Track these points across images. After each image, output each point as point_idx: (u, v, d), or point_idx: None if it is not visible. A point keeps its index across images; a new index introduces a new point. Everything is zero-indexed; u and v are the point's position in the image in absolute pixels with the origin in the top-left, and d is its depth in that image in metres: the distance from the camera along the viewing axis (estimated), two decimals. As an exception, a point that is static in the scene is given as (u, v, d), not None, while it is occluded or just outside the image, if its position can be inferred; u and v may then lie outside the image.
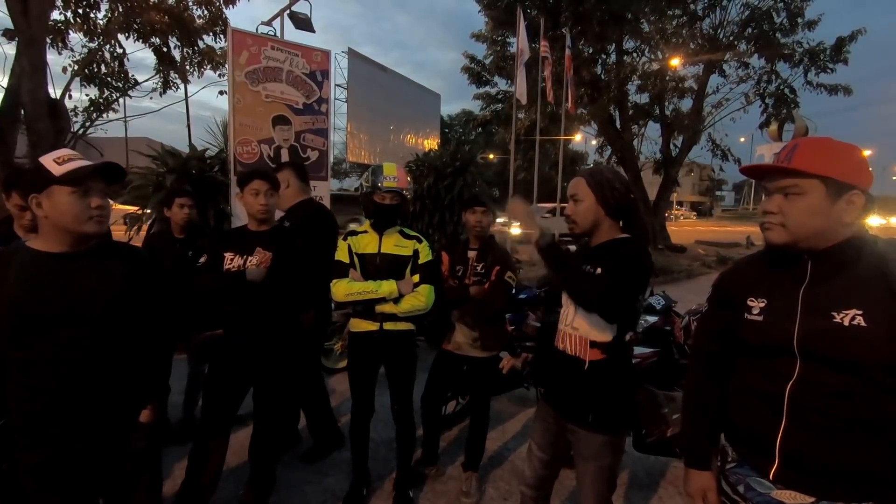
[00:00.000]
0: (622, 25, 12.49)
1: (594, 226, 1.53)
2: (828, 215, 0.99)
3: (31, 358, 1.22)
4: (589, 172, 1.55)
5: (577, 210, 1.53)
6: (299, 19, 5.72)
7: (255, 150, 4.56)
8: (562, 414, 1.58)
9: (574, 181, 1.56)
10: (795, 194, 1.01)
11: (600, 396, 1.50)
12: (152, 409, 1.47)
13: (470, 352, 2.44)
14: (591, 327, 1.49)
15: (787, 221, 1.02)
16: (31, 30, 6.07)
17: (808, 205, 1.00)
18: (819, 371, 0.99)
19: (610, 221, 1.52)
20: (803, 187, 1.00)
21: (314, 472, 2.63)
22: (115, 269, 1.35)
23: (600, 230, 1.53)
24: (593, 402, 1.51)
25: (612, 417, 1.51)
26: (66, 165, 1.24)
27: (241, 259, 2.05)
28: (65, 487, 1.29)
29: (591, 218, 1.52)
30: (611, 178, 1.52)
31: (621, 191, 1.50)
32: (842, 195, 0.98)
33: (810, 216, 1.00)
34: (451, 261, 2.50)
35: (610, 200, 1.49)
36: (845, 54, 12.62)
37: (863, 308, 0.95)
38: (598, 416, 1.50)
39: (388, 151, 10.04)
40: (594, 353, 1.49)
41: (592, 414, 1.50)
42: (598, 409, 1.50)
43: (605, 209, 1.50)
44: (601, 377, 1.49)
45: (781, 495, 1.04)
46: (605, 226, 1.52)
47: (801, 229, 1.01)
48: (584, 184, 1.52)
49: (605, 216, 1.51)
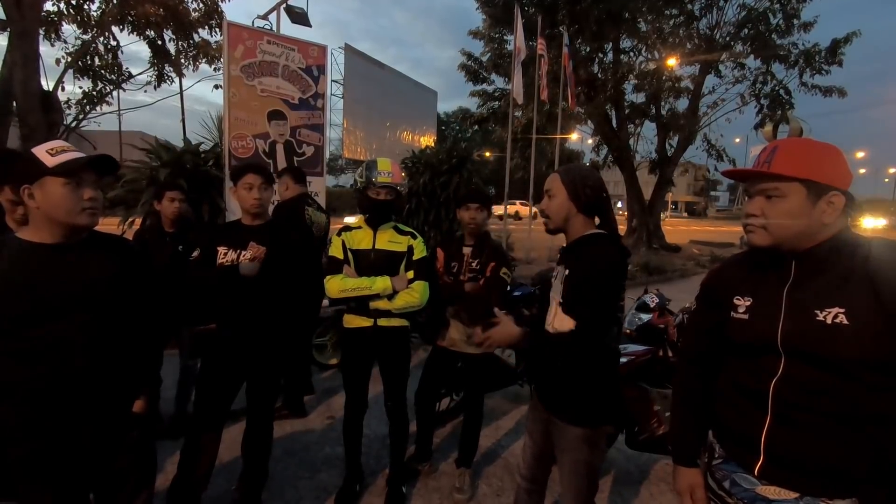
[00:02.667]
0: (619, 24, 12.50)
1: (566, 221, 1.55)
2: (809, 217, 1.01)
3: (22, 349, 1.22)
4: (564, 170, 1.58)
5: (549, 205, 1.56)
6: (295, 13, 5.70)
7: (250, 145, 4.54)
8: (546, 406, 1.61)
9: (549, 177, 1.60)
10: (777, 197, 1.03)
11: (572, 387, 1.53)
12: (145, 401, 1.47)
13: (464, 348, 2.45)
14: (557, 319, 1.52)
15: (769, 224, 1.04)
16: (24, 20, 6.00)
17: (789, 207, 1.01)
18: (802, 368, 1.01)
19: (583, 218, 1.54)
20: (784, 190, 1.02)
21: (307, 467, 2.63)
22: (104, 261, 1.34)
23: (573, 226, 1.55)
24: (565, 393, 1.54)
25: (589, 411, 1.53)
26: (59, 157, 1.24)
27: (235, 253, 2.04)
28: (55, 480, 1.29)
29: (563, 213, 1.54)
30: (584, 175, 1.55)
31: (594, 188, 1.53)
32: (822, 196, 1.00)
33: (791, 218, 1.02)
34: (446, 257, 2.50)
35: (582, 197, 1.52)
36: (840, 56, 12.68)
37: (845, 306, 0.96)
38: (571, 408, 1.53)
39: (385, 148, 10.03)
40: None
41: (565, 405, 1.54)
42: (570, 399, 1.53)
43: (576, 205, 1.52)
44: (571, 368, 1.52)
45: (766, 491, 1.06)
46: (578, 222, 1.55)
47: (782, 231, 1.03)
48: (558, 180, 1.55)
49: (578, 212, 1.53)
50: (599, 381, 1.54)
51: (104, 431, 1.35)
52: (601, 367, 1.54)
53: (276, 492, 2.39)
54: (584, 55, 13.65)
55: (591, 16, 11.92)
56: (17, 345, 1.21)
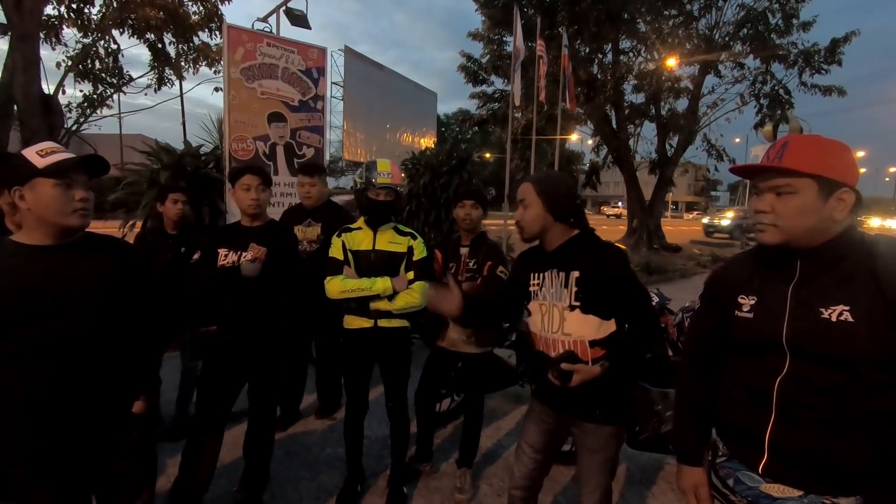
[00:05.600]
0: (618, 25, 12.53)
1: (542, 231, 1.56)
2: (820, 213, 1.00)
3: (19, 350, 1.22)
4: (536, 179, 1.58)
5: (524, 216, 1.56)
6: (295, 16, 5.72)
7: (250, 147, 4.54)
8: (564, 411, 1.60)
9: (522, 186, 1.58)
10: (788, 193, 1.01)
11: (606, 390, 1.52)
12: (144, 402, 1.47)
13: (464, 348, 2.45)
14: (585, 328, 1.51)
15: (780, 221, 1.02)
16: (24, 24, 6.02)
17: (800, 203, 1.00)
18: (807, 366, 1.00)
19: (560, 226, 1.55)
20: (795, 186, 1.00)
21: (308, 468, 2.63)
22: (100, 262, 1.34)
23: (552, 234, 1.56)
24: (600, 397, 1.53)
25: (617, 409, 1.57)
26: (48, 157, 1.24)
27: (236, 255, 2.05)
28: (54, 480, 1.29)
29: (539, 224, 1.54)
30: (557, 182, 1.55)
31: (568, 196, 1.54)
32: (833, 193, 0.99)
33: (803, 215, 1.00)
34: (443, 259, 2.50)
35: (556, 205, 1.52)
36: (839, 56, 12.70)
37: (850, 304, 0.96)
38: (605, 410, 1.54)
39: (385, 150, 10.03)
40: (595, 352, 1.51)
41: (600, 408, 1.54)
42: (605, 402, 1.54)
43: (552, 214, 1.53)
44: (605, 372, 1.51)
45: (770, 489, 1.05)
46: (557, 230, 1.55)
47: (794, 229, 1.02)
48: (532, 191, 1.54)
49: (554, 221, 1.54)
50: (624, 377, 1.56)
51: (103, 432, 1.35)
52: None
53: (278, 493, 2.39)
54: (584, 56, 13.68)
55: (590, 16, 11.95)
56: (12, 346, 1.21)
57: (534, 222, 1.54)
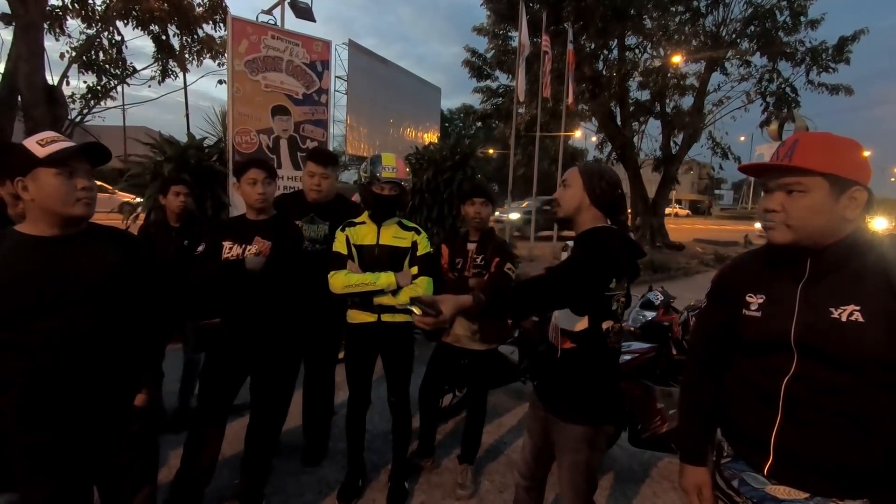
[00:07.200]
0: (624, 21, 12.41)
1: (577, 212, 1.54)
2: (831, 212, 0.98)
3: (22, 341, 1.21)
4: (584, 164, 1.60)
5: (563, 194, 1.56)
6: (300, 8, 5.68)
7: (253, 140, 4.53)
8: (545, 404, 1.61)
9: (569, 170, 1.61)
10: (798, 192, 0.99)
11: (572, 386, 1.52)
12: (147, 394, 1.47)
13: (469, 344, 2.44)
14: (563, 316, 1.53)
15: (791, 220, 1.01)
16: (29, 14, 6.01)
17: (811, 202, 0.98)
18: (815, 367, 0.99)
19: (594, 212, 1.53)
20: (806, 185, 0.98)
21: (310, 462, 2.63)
22: (104, 253, 1.33)
23: (583, 217, 1.54)
24: (565, 391, 1.53)
25: (587, 409, 1.51)
26: (49, 147, 1.23)
27: (240, 248, 2.04)
28: (56, 471, 1.29)
29: (575, 203, 1.53)
30: (602, 170, 1.55)
31: (610, 183, 1.52)
32: (845, 191, 0.97)
33: (814, 214, 0.98)
34: (450, 253, 2.49)
35: (596, 189, 1.51)
36: (847, 54, 12.57)
37: (861, 304, 0.94)
38: (570, 406, 1.52)
39: (388, 144, 10.00)
40: (564, 342, 1.52)
41: (565, 403, 1.53)
42: (570, 398, 1.52)
43: (590, 197, 1.51)
44: (571, 366, 1.51)
45: (775, 490, 1.04)
46: (589, 215, 1.53)
47: (805, 228, 1.00)
48: (577, 171, 1.56)
49: (590, 205, 1.52)
50: (599, 380, 1.52)
51: (105, 424, 1.35)
52: (600, 365, 1.52)
53: (279, 486, 2.40)
54: (589, 52, 13.57)
55: (596, 12, 11.85)
56: (16, 338, 1.21)
57: (571, 199, 1.54)
